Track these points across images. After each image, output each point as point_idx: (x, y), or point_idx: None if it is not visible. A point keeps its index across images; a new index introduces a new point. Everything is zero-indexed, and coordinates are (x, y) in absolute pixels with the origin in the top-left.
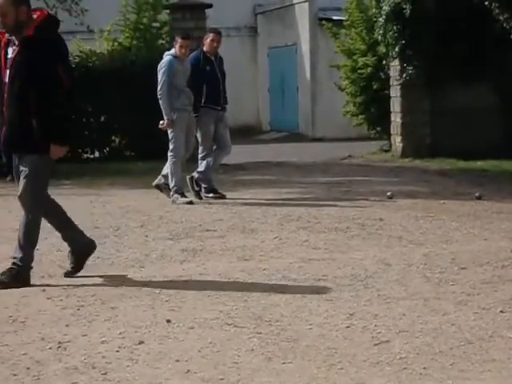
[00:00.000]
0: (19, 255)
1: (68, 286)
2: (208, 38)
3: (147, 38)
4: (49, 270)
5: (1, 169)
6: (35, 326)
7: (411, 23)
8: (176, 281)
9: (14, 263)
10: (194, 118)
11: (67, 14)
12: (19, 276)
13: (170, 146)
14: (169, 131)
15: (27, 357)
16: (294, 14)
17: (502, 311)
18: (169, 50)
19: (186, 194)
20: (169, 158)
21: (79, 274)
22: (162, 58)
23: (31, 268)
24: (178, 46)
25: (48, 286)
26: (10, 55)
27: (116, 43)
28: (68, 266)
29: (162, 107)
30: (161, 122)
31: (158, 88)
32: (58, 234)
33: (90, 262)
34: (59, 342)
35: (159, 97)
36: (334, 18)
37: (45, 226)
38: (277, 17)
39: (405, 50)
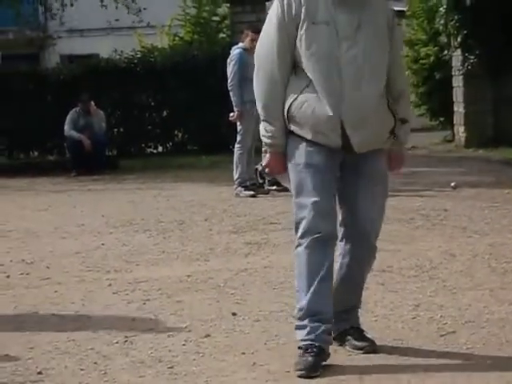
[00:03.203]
0: None
1: (134, 280)
2: None
3: (208, 32)
4: (114, 265)
5: (65, 164)
6: (101, 320)
7: (472, 12)
8: (241, 274)
9: None
10: None
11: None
12: None
13: (238, 138)
14: (238, 123)
15: (94, 351)
16: None
17: None
18: (231, 43)
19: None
20: (236, 149)
21: (144, 269)
22: (223, 52)
23: None
24: (249, 39)
25: (114, 280)
26: None
27: (177, 38)
28: None
29: (232, 99)
30: (231, 114)
31: (229, 80)
32: (124, 229)
33: (154, 256)
34: (126, 337)
35: (230, 89)
36: (395, 8)
37: (109, 221)
38: None
39: (467, 40)
